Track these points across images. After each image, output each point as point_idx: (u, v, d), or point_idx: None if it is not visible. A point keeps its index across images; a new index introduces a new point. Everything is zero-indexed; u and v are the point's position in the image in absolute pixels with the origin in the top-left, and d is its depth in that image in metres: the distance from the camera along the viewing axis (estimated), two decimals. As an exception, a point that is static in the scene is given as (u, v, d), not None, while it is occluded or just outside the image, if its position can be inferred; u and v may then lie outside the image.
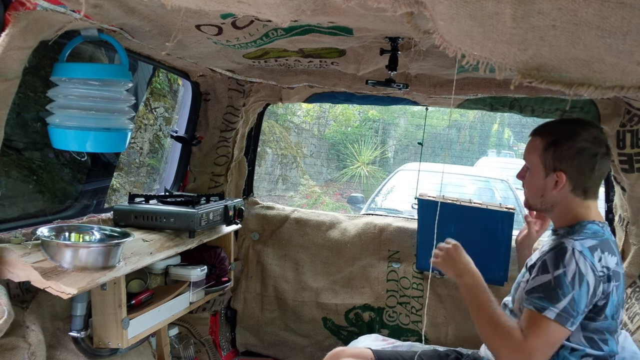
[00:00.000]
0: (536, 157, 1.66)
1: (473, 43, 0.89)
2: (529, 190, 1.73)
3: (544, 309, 1.47)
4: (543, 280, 1.51)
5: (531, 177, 1.70)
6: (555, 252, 1.53)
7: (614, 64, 0.85)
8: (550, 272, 1.50)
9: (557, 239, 1.63)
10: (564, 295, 1.46)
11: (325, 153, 13.51)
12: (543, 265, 1.54)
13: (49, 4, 1.25)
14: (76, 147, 1.57)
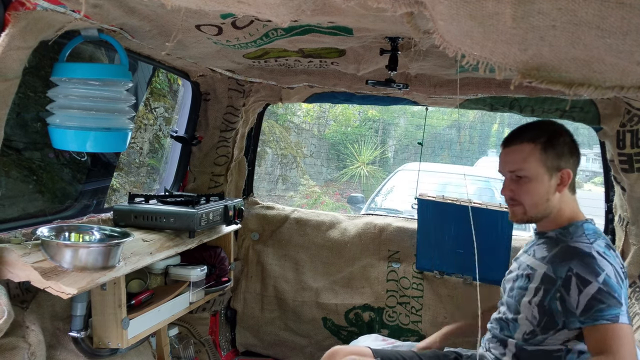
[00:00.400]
0: (535, 162, 1.62)
1: (473, 43, 0.89)
2: (531, 199, 1.64)
3: (618, 316, 1.42)
4: (593, 291, 1.45)
5: (532, 184, 1.62)
6: (581, 260, 1.49)
7: (614, 64, 0.85)
8: (593, 281, 1.45)
9: (555, 242, 1.61)
10: (619, 297, 1.45)
11: (325, 153, 13.51)
12: (578, 277, 1.48)
13: (49, 4, 1.25)
14: (76, 147, 1.57)
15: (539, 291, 1.58)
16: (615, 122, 2.10)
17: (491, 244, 2.39)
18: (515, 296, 1.68)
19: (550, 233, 1.67)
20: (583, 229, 1.62)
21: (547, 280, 1.58)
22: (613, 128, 2.11)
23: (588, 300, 1.46)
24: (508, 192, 1.68)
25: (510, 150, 1.67)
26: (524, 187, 1.64)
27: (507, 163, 1.68)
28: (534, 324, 1.61)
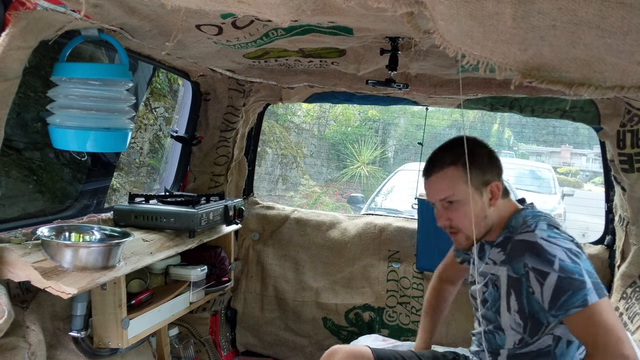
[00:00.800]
0: (463, 184, 1.58)
1: (473, 43, 0.89)
2: (468, 219, 1.59)
3: (586, 298, 1.40)
4: (553, 282, 1.44)
5: (467, 207, 1.58)
6: (531, 252, 1.49)
7: (614, 64, 0.85)
8: (550, 271, 1.44)
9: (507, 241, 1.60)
10: (581, 275, 1.42)
11: (326, 153, 13.51)
12: (535, 271, 1.47)
13: (49, 4, 1.25)
14: (76, 147, 1.57)
15: (511, 296, 1.57)
16: (615, 122, 2.10)
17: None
18: (491, 307, 1.66)
19: (499, 239, 1.65)
20: (523, 217, 1.60)
21: (512, 283, 1.56)
22: (613, 128, 2.11)
23: (552, 293, 1.44)
24: (445, 221, 1.62)
25: (435, 178, 1.62)
26: (458, 212, 1.60)
27: (435, 192, 1.63)
28: (520, 331, 1.58)
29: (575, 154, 20.93)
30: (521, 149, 20.12)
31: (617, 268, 2.24)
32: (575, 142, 18.66)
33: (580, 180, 18.62)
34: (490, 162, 1.64)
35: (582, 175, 19.76)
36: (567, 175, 18.26)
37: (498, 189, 1.62)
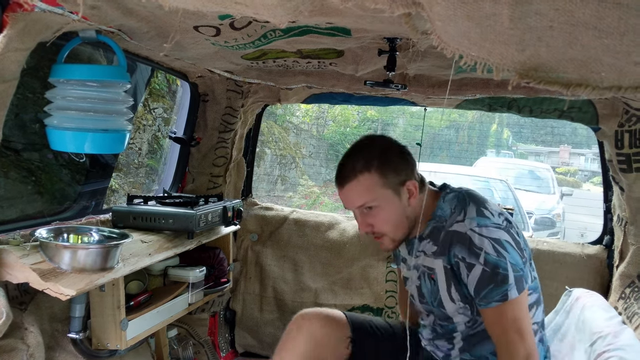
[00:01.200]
0: (379, 189, 1.57)
1: (470, 44, 0.89)
2: (392, 224, 1.60)
3: (506, 294, 1.46)
4: (478, 274, 1.48)
5: (385, 210, 1.58)
6: (461, 244, 1.51)
7: (612, 64, 0.85)
8: (476, 263, 1.48)
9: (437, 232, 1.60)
10: (505, 269, 1.46)
11: (324, 153, 13.51)
12: (463, 261, 1.50)
13: (47, 6, 1.25)
14: (74, 148, 1.57)
15: (452, 287, 1.58)
16: (613, 122, 2.10)
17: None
18: (431, 301, 1.67)
19: (426, 230, 1.65)
20: (448, 204, 1.62)
21: (448, 273, 1.58)
22: (611, 128, 2.11)
23: (476, 284, 1.49)
24: (367, 228, 1.61)
25: (350, 186, 1.59)
26: (378, 217, 1.59)
27: (352, 200, 1.61)
28: (468, 314, 1.61)
29: (574, 154, 20.97)
30: (520, 149, 20.16)
31: (615, 268, 2.24)
32: (574, 142, 18.70)
33: (579, 180, 18.65)
34: (402, 161, 1.62)
35: (580, 175, 19.79)
36: (565, 175, 18.29)
37: (415, 187, 1.61)
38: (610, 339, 1.62)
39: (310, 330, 1.73)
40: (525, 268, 1.53)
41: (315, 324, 1.75)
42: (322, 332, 1.74)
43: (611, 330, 1.68)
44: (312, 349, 1.71)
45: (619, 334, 1.65)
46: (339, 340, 1.77)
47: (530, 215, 7.10)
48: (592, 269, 2.43)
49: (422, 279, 1.68)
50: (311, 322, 1.76)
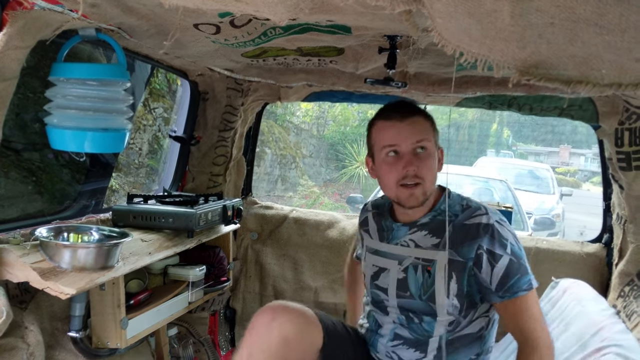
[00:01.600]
0: (432, 136, 1.58)
1: (471, 40, 0.89)
2: (431, 175, 1.56)
3: (531, 283, 1.49)
4: (505, 264, 1.48)
5: (431, 160, 1.55)
6: (489, 235, 1.51)
7: (612, 61, 0.85)
8: (503, 254, 1.49)
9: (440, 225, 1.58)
10: (525, 260, 1.52)
11: (324, 153, 13.52)
12: (489, 253, 1.49)
13: (47, 4, 1.25)
14: (74, 147, 1.56)
15: (451, 280, 1.53)
16: (613, 120, 2.10)
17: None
18: (421, 296, 1.58)
19: (423, 219, 1.62)
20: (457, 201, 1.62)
21: (455, 266, 1.53)
22: (611, 126, 2.11)
23: (502, 276, 1.48)
24: (414, 168, 1.52)
25: (412, 121, 1.55)
26: (426, 162, 1.54)
27: (413, 134, 1.53)
28: (455, 313, 1.56)
29: (574, 154, 20.99)
30: (520, 148, 20.17)
31: (614, 266, 2.24)
32: (574, 142, 18.71)
33: (579, 180, 18.67)
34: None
35: (580, 175, 19.81)
36: (565, 175, 18.31)
37: (442, 156, 1.63)
38: (604, 334, 1.62)
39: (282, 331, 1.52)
40: None
41: (287, 323, 1.54)
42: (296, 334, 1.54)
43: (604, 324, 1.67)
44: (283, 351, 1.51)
45: (612, 327, 1.64)
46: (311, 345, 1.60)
47: (530, 216, 7.10)
48: (591, 267, 2.43)
49: (412, 270, 1.59)
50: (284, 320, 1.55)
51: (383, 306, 1.69)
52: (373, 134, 1.63)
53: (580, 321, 1.78)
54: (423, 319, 1.60)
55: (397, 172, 1.54)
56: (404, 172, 1.53)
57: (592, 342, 1.63)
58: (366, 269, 1.77)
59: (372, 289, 1.72)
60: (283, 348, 1.51)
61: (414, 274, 1.60)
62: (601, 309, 1.79)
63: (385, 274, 1.67)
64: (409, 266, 1.61)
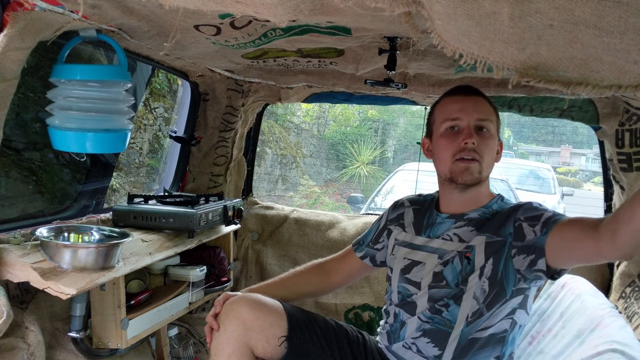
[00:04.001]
0: (495, 121, 1.56)
1: (471, 42, 0.89)
2: (490, 153, 1.54)
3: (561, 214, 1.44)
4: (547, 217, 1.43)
5: (492, 141, 1.54)
6: (523, 208, 1.50)
7: (612, 63, 0.85)
8: (544, 213, 1.44)
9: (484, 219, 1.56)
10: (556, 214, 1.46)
11: (325, 153, 13.52)
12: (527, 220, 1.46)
13: (47, 5, 1.25)
14: (76, 148, 1.57)
15: (489, 261, 1.49)
16: (614, 121, 2.10)
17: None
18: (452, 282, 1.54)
19: (472, 214, 1.59)
20: (507, 204, 1.61)
21: (492, 248, 1.50)
22: (612, 127, 2.11)
23: (544, 221, 1.42)
24: (473, 141, 1.50)
25: (478, 100, 1.56)
26: (486, 141, 1.52)
27: (476, 110, 1.53)
28: (481, 300, 1.50)
29: (575, 154, 20.96)
30: (521, 148, 20.15)
31: (616, 267, 2.24)
32: (575, 142, 18.69)
33: (580, 180, 18.65)
34: None
35: (581, 175, 19.79)
36: (566, 175, 18.29)
37: (501, 149, 1.61)
38: (603, 330, 1.61)
39: (238, 314, 1.56)
40: None
41: (243, 307, 1.57)
42: (251, 315, 1.56)
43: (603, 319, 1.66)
44: (242, 334, 1.54)
45: (611, 324, 1.63)
46: (271, 327, 1.57)
47: (531, 215, 7.09)
48: (592, 267, 2.43)
49: (451, 262, 1.55)
50: (239, 305, 1.58)
51: (411, 303, 1.63)
52: (436, 111, 1.62)
53: (579, 316, 1.78)
54: (448, 304, 1.54)
55: (456, 144, 1.51)
56: (463, 145, 1.50)
57: (590, 339, 1.63)
58: (394, 263, 1.71)
59: (400, 283, 1.67)
60: (240, 330, 1.53)
61: (451, 264, 1.56)
62: (600, 303, 1.78)
63: (420, 267, 1.62)
64: (448, 260, 1.57)
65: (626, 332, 1.57)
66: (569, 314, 1.85)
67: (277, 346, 1.57)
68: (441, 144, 1.56)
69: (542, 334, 1.91)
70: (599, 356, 1.48)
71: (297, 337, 1.60)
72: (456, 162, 1.52)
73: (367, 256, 1.86)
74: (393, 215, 1.81)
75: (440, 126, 1.57)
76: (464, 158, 1.51)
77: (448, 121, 1.55)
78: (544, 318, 1.98)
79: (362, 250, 1.87)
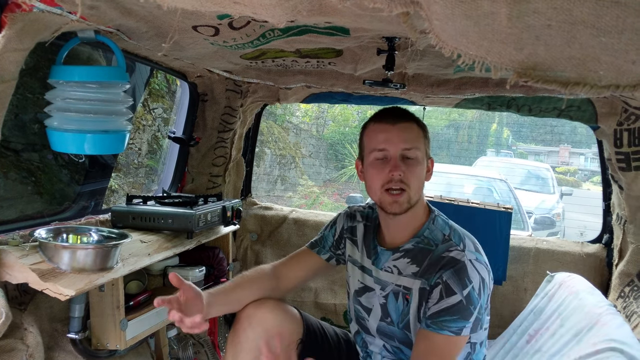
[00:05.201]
0: (422, 145, 1.55)
1: (469, 42, 0.89)
2: (418, 180, 1.53)
3: (461, 330, 1.44)
4: (453, 302, 1.44)
5: (419, 166, 1.53)
6: (454, 270, 1.46)
7: (610, 62, 0.85)
8: (458, 293, 1.44)
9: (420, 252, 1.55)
10: (474, 308, 1.45)
11: (324, 153, 13.52)
12: (445, 286, 1.45)
13: (46, 6, 1.25)
14: (75, 149, 1.57)
15: (421, 308, 1.53)
16: (612, 121, 2.11)
17: (490, 244, 2.39)
18: (399, 324, 1.59)
19: (407, 245, 1.59)
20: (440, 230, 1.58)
21: (422, 294, 1.53)
22: (610, 127, 2.11)
23: (442, 309, 1.44)
24: (400, 173, 1.50)
25: (403, 127, 1.54)
26: (413, 169, 1.52)
27: (400, 140, 1.52)
28: None
29: (574, 154, 20.98)
30: (520, 148, 20.17)
31: (614, 267, 2.24)
32: (574, 142, 18.70)
33: (579, 180, 18.67)
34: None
35: (580, 174, 19.81)
36: (565, 175, 18.31)
37: (432, 166, 1.62)
38: (601, 329, 1.61)
39: (262, 321, 1.62)
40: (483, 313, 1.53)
41: (267, 314, 1.63)
42: (275, 323, 1.62)
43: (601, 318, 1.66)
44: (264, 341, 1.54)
45: (609, 322, 1.64)
46: (291, 335, 1.66)
47: (530, 215, 7.10)
48: (591, 267, 2.43)
49: (392, 297, 1.61)
50: (263, 312, 1.64)
51: (364, 327, 1.70)
52: (364, 136, 1.62)
53: (577, 315, 1.78)
54: (402, 349, 1.60)
55: (384, 175, 1.52)
56: (390, 176, 1.51)
57: (588, 337, 1.63)
58: (350, 281, 1.77)
59: (354, 304, 1.73)
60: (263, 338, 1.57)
61: (394, 301, 1.60)
62: (597, 301, 1.79)
63: (371, 294, 1.67)
64: (389, 293, 1.61)
65: (624, 330, 1.57)
66: (566, 312, 1.85)
67: (293, 350, 1.62)
68: (370, 174, 1.57)
69: (540, 333, 1.92)
70: (598, 354, 1.48)
71: (311, 341, 1.67)
72: (385, 192, 1.54)
73: (332, 258, 1.86)
74: (347, 226, 1.82)
75: (369, 155, 1.58)
76: (392, 189, 1.52)
77: (375, 151, 1.55)
78: (541, 317, 1.98)
79: (326, 253, 1.86)
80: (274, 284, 1.80)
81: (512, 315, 2.24)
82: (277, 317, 1.65)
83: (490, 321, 1.76)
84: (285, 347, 1.60)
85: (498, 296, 2.48)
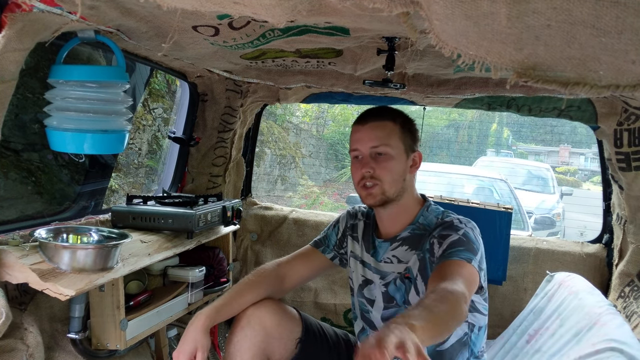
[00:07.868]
0: (396, 140, 1.63)
1: (469, 42, 0.89)
2: (391, 176, 1.62)
3: (471, 260, 1.47)
4: (454, 239, 1.50)
5: (393, 162, 1.62)
6: (442, 226, 1.55)
7: (609, 62, 0.85)
8: (453, 233, 1.51)
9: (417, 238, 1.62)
10: (476, 248, 1.51)
11: (324, 153, 13.52)
12: (439, 237, 1.53)
13: (45, 6, 1.25)
14: (74, 149, 1.57)
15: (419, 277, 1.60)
16: (612, 121, 2.11)
17: (490, 244, 2.40)
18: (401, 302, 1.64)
19: (403, 234, 1.67)
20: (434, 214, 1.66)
21: (421, 264, 1.59)
22: (610, 127, 2.11)
23: (447, 245, 1.50)
24: (369, 170, 1.62)
25: (372, 126, 1.65)
26: (384, 164, 1.62)
27: (369, 139, 1.64)
28: None
29: (574, 154, 20.98)
30: (520, 148, 20.17)
31: (615, 267, 2.24)
32: (574, 142, 18.70)
33: (579, 180, 18.66)
34: (417, 133, 1.73)
35: (580, 174, 19.81)
36: (565, 175, 18.30)
37: (420, 159, 1.69)
38: (601, 329, 1.61)
39: (260, 320, 1.65)
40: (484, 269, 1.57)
41: (265, 314, 1.67)
42: (273, 322, 1.66)
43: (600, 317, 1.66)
44: (263, 340, 1.63)
45: (608, 322, 1.64)
46: (290, 334, 1.71)
47: (530, 215, 7.10)
48: (591, 267, 2.43)
49: (393, 284, 1.66)
50: (262, 312, 1.67)
51: (369, 320, 1.74)
52: (350, 137, 1.75)
53: (576, 315, 1.78)
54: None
55: (359, 173, 1.66)
56: (362, 173, 1.64)
57: (588, 337, 1.63)
58: (353, 276, 1.84)
59: (359, 298, 1.79)
60: (261, 336, 1.63)
61: (395, 285, 1.66)
62: (597, 301, 1.79)
63: (372, 286, 1.74)
64: (390, 281, 1.67)
65: (624, 330, 1.57)
66: (566, 312, 1.85)
67: (292, 349, 1.69)
68: (351, 171, 1.73)
69: (539, 333, 1.92)
70: (598, 354, 1.48)
71: (310, 340, 1.71)
72: (362, 188, 1.67)
73: (336, 258, 1.93)
74: (349, 224, 1.90)
75: (350, 155, 1.74)
76: (365, 185, 1.65)
77: (352, 151, 1.72)
78: (541, 316, 1.98)
79: (330, 252, 1.92)
80: (277, 285, 1.82)
81: (512, 315, 2.25)
82: (276, 316, 1.69)
83: (490, 321, 1.76)
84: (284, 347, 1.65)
85: (498, 296, 2.48)
